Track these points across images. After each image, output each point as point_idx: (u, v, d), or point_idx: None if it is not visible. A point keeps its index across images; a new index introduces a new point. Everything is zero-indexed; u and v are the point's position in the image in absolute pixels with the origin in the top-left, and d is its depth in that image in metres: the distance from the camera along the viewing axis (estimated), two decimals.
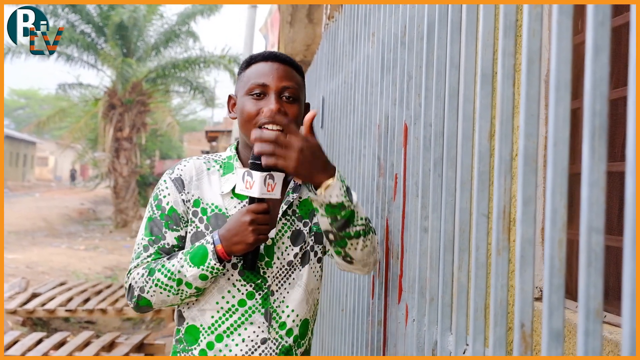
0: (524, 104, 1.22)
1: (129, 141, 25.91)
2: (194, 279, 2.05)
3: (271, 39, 10.35)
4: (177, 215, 2.15)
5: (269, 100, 2.09)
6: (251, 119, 2.09)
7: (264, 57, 2.17)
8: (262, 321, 2.14)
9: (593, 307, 0.96)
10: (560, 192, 1.06)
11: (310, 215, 2.23)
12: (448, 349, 1.72)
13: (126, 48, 26.37)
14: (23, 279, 13.52)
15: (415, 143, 2.06)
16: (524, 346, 1.19)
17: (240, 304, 2.13)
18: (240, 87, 2.17)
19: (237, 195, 2.14)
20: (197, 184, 2.17)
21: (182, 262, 2.06)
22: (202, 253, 2.04)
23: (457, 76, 1.69)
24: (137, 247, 2.17)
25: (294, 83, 2.14)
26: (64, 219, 28.61)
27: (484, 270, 1.43)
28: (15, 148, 51.26)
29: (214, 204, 2.15)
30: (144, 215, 2.21)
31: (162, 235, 2.15)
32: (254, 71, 2.15)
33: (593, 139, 0.96)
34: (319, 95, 4.86)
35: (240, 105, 2.14)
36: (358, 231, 2.07)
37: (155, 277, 2.08)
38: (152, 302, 2.11)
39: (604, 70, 0.96)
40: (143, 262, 2.13)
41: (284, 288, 2.18)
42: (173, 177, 2.18)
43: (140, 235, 2.18)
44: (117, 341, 9.47)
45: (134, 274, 2.12)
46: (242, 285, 2.14)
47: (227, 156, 2.23)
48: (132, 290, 2.12)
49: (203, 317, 2.15)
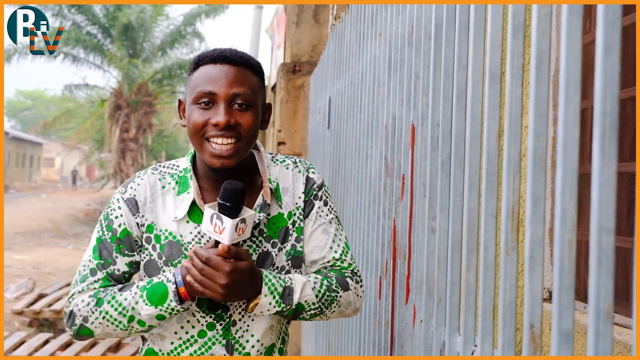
0: (533, 104, 1.21)
1: (135, 142, 25.96)
2: (149, 318, 1.88)
3: (277, 40, 10.36)
4: (131, 239, 1.95)
5: (217, 110, 1.87)
6: (198, 131, 1.89)
7: (212, 58, 1.93)
8: (223, 353, 1.97)
9: (603, 307, 0.95)
10: (570, 192, 1.05)
11: (281, 234, 2.02)
12: (456, 349, 1.72)
13: (132, 49, 26.44)
14: (30, 279, 13.54)
15: (422, 143, 2.05)
16: (533, 347, 1.18)
17: (200, 335, 1.97)
18: (188, 92, 1.95)
19: (193, 218, 1.95)
20: (152, 207, 1.96)
21: (137, 298, 1.88)
22: (162, 292, 1.86)
23: (465, 76, 1.69)
24: (83, 269, 1.96)
25: (247, 88, 1.90)
26: (70, 219, 28.64)
27: (493, 270, 1.43)
28: (22, 149, 51.33)
29: (168, 230, 1.95)
30: (93, 234, 1.99)
31: (112, 259, 1.95)
32: (201, 75, 1.92)
33: (603, 139, 0.95)
34: (326, 96, 4.86)
35: (188, 113, 1.94)
36: (313, 313, 1.97)
37: (104, 309, 1.89)
38: (95, 333, 1.92)
39: (614, 70, 0.95)
40: (89, 288, 1.93)
41: (248, 316, 1.99)
42: (126, 197, 1.97)
43: (88, 257, 1.97)
44: (124, 342, 9.48)
45: (77, 300, 1.93)
46: (202, 316, 1.97)
47: (184, 168, 2.02)
48: (73, 318, 1.93)
49: (163, 342, 2.00)
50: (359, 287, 2.08)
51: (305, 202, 2.06)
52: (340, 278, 2.03)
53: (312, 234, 2.05)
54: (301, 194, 2.06)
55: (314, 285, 1.96)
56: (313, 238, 2.05)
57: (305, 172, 2.09)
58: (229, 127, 1.87)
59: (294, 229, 2.04)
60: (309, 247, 2.05)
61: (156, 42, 27.28)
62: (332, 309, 1.99)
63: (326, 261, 2.06)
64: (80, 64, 25.74)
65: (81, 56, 25.59)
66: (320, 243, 2.05)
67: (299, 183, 2.06)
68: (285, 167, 2.08)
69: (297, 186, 2.06)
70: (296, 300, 1.91)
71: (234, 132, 1.88)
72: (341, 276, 2.04)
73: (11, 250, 18.35)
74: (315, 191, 2.08)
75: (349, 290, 2.03)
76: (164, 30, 27.22)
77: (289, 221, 2.03)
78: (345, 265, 2.08)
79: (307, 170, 2.09)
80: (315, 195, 2.07)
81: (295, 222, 2.04)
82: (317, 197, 2.08)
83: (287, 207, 2.04)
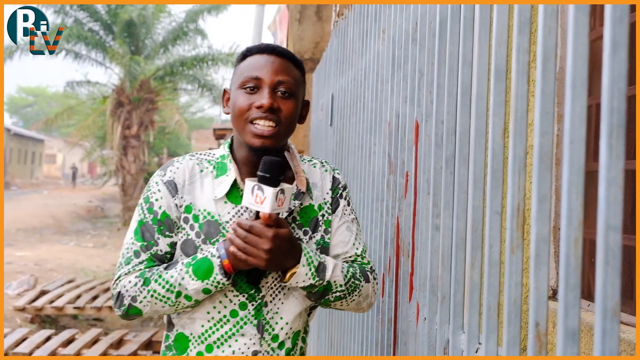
0: (539, 101, 1.21)
1: (136, 139, 25.94)
2: (195, 292, 1.96)
3: (279, 37, 10.35)
4: (170, 221, 2.03)
5: (262, 94, 1.99)
6: (242, 114, 2.00)
7: (260, 49, 2.06)
8: (254, 333, 2.04)
9: (610, 306, 0.94)
10: (577, 190, 1.05)
11: (312, 224, 2.12)
12: (460, 347, 1.71)
13: (134, 46, 26.41)
14: (32, 276, 13.56)
15: (426, 140, 2.05)
16: (538, 345, 1.18)
17: (232, 314, 2.03)
18: (234, 80, 2.07)
19: (232, 199, 2.04)
20: (190, 189, 2.05)
21: (183, 274, 1.96)
22: (207, 266, 1.94)
23: (470, 73, 1.68)
24: (127, 252, 2.04)
25: (291, 78, 2.02)
26: (72, 216, 28.66)
27: (497, 268, 1.42)
28: (24, 145, 51.34)
29: (207, 210, 2.03)
30: (133, 217, 2.08)
31: (154, 241, 2.03)
32: (249, 63, 2.04)
33: (611, 137, 0.94)
34: (328, 93, 4.85)
35: (233, 98, 2.05)
36: (338, 296, 2.06)
37: (151, 287, 1.97)
38: (143, 311, 2.00)
39: (622, 67, 0.95)
40: (135, 270, 2.01)
41: (279, 299, 2.07)
42: (165, 179, 2.05)
43: (130, 239, 2.05)
44: (126, 338, 9.48)
45: (124, 281, 2.01)
46: (235, 295, 2.03)
47: (221, 155, 2.11)
48: (122, 299, 2.00)
49: (193, 325, 2.05)
50: (375, 283, 2.18)
51: (333, 198, 2.17)
52: (362, 270, 2.13)
53: (337, 230, 2.16)
54: (329, 190, 2.17)
55: (342, 269, 2.06)
56: (338, 233, 2.16)
57: (332, 172, 2.21)
58: (272, 110, 1.97)
59: (323, 221, 2.14)
60: (334, 242, 2.16)
61: (158, 39, 27.23)
62: (353, 296, 2.08)
63: (348, 256, 2.16)
64: (82, 60, 25.70)
65: (83, 53, 25.55)
66: (344, 239, 2.16)
67: (326, 180, 2.18)
68: (312, 165, 2.19)
69: (325, 183, 2.18)
70: (328, 277, 2.00)
71: (275, 116, 1.98)
72: (363, 269, 2.14)
73: (13, 246, 18.37)
74: (340, 190, 2.20)
75: (369, 282, 2.13)
76: (166, 27, 27.16)
77: (319, 213, 2.14)
78: (366, 261, 2.18)
79: (333, 170, 2.22)
80: (341, 195, 2.19)
81: (324, 215, 2.14)
82: (342, 197, 2.20)
83: (317, 200, 2.15)
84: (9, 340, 8.82)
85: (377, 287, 2.19)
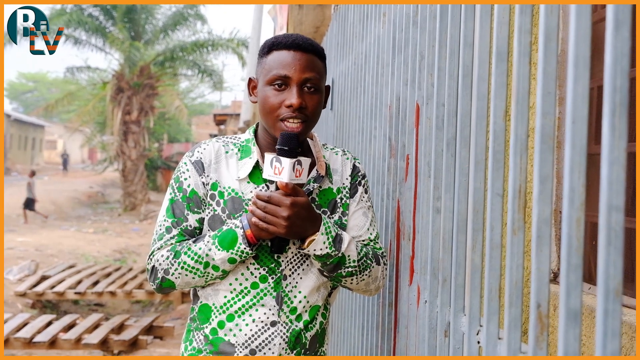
0: (540, 82, 1.20)
1: (137, 124, 25.95)
2: (222, 262, 2.09)
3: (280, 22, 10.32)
4: (198, 198, 2.17)
5: (290, 92, 2.10)
6: (273, 111, 2.11)
7: (287, 45, 2.14)
8: (273, 304, 2.15)
9: (612, 286, 0.94)
10: (579, 170, 1.04)
11: (330, 205, 2.23)
12: (461, 330, 1.71)
13: (134, 31, 26.38)
14: (32, 261, 13.58)
15: (427, 123, 2.04)
16: (540, 327, 1.17)
17: (252, 286, 2.15)
18: (262, 73, 2.17)
19: (254, 179, 2.17)
20: (216, 167, 2.18)
21: (210, 246, 2.09)
22: (232, 237, 2.07)
23: (471, 55, 1.68)
24: (159, 229, 2.19)
25: (316, 73, 2.13)
26: (72, 202, 28.69)
27: (499, 250, 1.42)
28: (24, 131, 51.28)
29: (231, 188, 2.16)
30: (165, 197, 2.23)
31: (184, 217, 2.17)
32: (276, 59, 2.14)
33: (613, 116, 0.94)
34: (329, 77, 4.84)
35: (262, 94, 2.15)
36: (350, 272, 2.16)
37: (181, 259, 2.10)
38: (176, 284, 2.14)
39: (625, 45, 0.94)
40: (166, 244, 2.15)
41: (297, 274, 2.18)
42: (193, 159, 2.19)
43: (162, 217, 2.20)
44: (127, 323, 9.51)
45: (157, 256, 2.15)
46: (256, 268, 2.15)
47: (246, 139, 2.24)
48: (156, 272, 2.15)
49: (216, 296, 2.17)
50: (385, 268, 2.29)
51: (352, 184, 2.29)
52: (374, 253, 2.24)
53: (354, 214, 2.27)
54: (348, 176, 2.29)
55: (357, 246, 2.17)
56: (354, 217, 2.26)
57: (353, 160, 2.32)
58: (300, 109, 2.09)
59: (341, 204, 2.25)
60: (349, 225, 2.26)
61: (158, 25, 27.18)
62: (363, 275, 2.18)
63: (362, 239, 2.26)
64: (82, 46, 25.69)
65: (83, 38, 25.53)
66: (359, 223, 2.26)
67: (346, 167, 2.30)
68: (334, 153, 2.31)
69: (345, 169, 2.29)
70: (343, 249, 2.12)
71: (303, 114, 2.10)
72: (375, 252, 2.25)
73: (14, 232, 18.40)
74: (359, 178, 2.31)
75: (380, 265, 2.24)
76: (166, 12, 27.12)
77: (337, 195, 2.25)
78: (378, 247, 2.28)
79: (354, 159, 2.33)
80: (360, 182, 2.30)
81: (342, 198, 2.26)
82: (361, 184, 2.30)
83: (336, 184, 2.26)
84: (10, 325, 8.85)
85: (386, 272, 2.28)
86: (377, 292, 2.31)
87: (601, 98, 1.99)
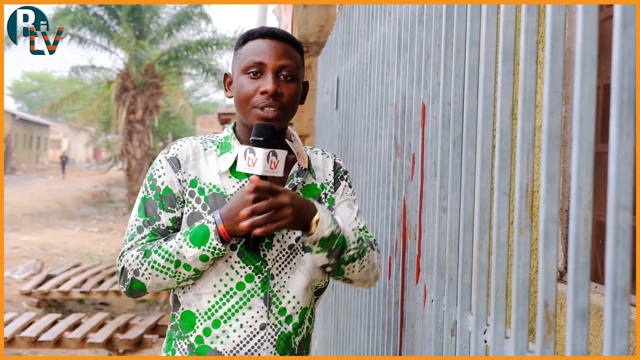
0: (547, 80, 1.20)
1: (141, 123, 25.95)
2: (193, 260, 1.97)
3: (284, 21, 10.32)
4: (173, 196, 2.07)
5: (266, 79, 2.03)
6: (248, 99, 2.04)
7: (262, 33, 2.10)
8: (261, 306, 2.04)
9: (621, 285, 0.94)
10: (586, 169, 1.04)
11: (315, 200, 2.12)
12: (468, 329, 1.71)
13: (139, 30, 26.39)
14: (38, 260, 13.60)
15: (433, 122, 2.04)
16: (547, 326, 1.17)
17: (238, 287, 2.04)
18: (237, 64, 2.11)
19: (236, 174, 2.08)
20: (194, 164, 2.09)
21: (181, 243, 1.97)
22: (203, 233, 1.95)
23: (477, 54, 1.68)
24: (131, 229, 2.08)
25: (292, 61, 2.07)
26: (77, 201, 28.72)
27: (505, 249, 1.42)
28: (29, 130, 51.34)
29: (212, 184, 2.07)
30: (138, 195, 2.12)
31: (156, 216, 2.06)
32: (250, 48, 2.09)
33: (621, 115, 0.94)
34: (334, 76, 4.84)
35: (237, 84, 2.08)
36: (352, 255, 2.04)
37: (151, 258, 1.99)
38: (146, 285, 2.02)
39: (632, 44, 0.94)
40: (137, 244, 2.04)
41: (285, 272, 2.08)
42: (169, 156, 2.10)
43: (134, 217, 2.09)
44: (132, 322, 9.52)
45: (127, 256, 2.03)
46: (241, 267, 2.04)
47: (225, 136, 2.16)
48: (125, 274, 2.03)
49: (199, 301, 2.05)
50: (379, 256, 2.21)
51: (335, 179, 2.23)
52: (367, 238, 2.17)
53: (339, 206, 2.21)
54: (331, 171, 2.23)
55: (352, 230, 2.11)
56: (339, 210, 2.20)
57: (333, 158, 2.27)
58: (275, 96, 2.02)
59: (326, 200, 2.19)
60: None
61: (163, 24, 27.19)
62: (363, 260, 2.09)
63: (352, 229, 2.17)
64: (86, 45, 25.70)
65: (88, 38, 25.54)
66: (345, 214, 2.19)
67: (327, 164, 2.24)
68: (314, 152, 2.25)
69: (327, 166, 2.23)
70: (341, 225, 2.01)
71: (279, 101, 2.03)
72: (367, 238, 2.17)
73: (19, 231, 18.42)
74: (341, 173, 2.25)
75: (374, 250, 2.16)
76: (170, 11, 27.13)
77: (322, 191, 2.19)
78: (369, 234, 2.21)
79: (334, 157, 2.28)
80: (342, 177, 2.25)
81: (327, 193, 2.20)
82: (344, 179, 2.25)
83: (319, 180, 2.20)
84: (15, 324, 8.87)
85: (380, 260, 2.21)
86: (375, 282, 2.22)
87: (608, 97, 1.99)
